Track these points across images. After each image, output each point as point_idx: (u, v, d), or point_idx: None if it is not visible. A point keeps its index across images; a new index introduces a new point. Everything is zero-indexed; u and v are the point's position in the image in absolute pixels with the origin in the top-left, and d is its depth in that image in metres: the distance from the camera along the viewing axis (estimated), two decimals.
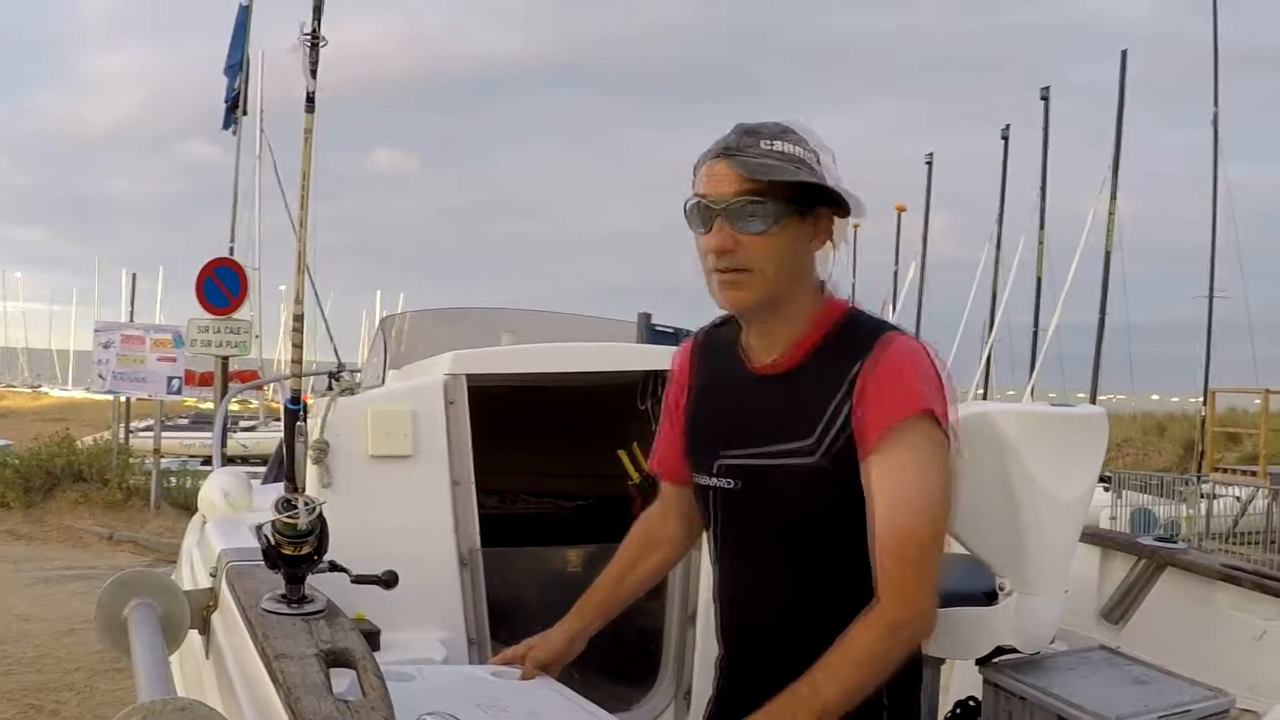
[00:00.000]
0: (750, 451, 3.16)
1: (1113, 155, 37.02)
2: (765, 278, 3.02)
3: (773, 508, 3.14)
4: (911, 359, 3.01)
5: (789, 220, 3.00)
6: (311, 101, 3.09)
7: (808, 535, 3.10)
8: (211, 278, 19.72)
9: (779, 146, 2.99)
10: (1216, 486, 27.91)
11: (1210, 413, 33.41)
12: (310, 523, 3.04)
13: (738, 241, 2.99)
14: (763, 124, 3.06)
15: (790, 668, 2.95)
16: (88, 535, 19.46)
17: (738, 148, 3.00)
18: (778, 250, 3.01)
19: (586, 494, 6.80)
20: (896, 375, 2.97)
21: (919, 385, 2.97)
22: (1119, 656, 4.31)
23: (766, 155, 2.97)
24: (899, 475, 2.93)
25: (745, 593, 3.31)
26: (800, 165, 2.99)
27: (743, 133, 3.03)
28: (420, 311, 7.77)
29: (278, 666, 2.59)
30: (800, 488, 3.06)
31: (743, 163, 2.97)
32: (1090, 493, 4.17)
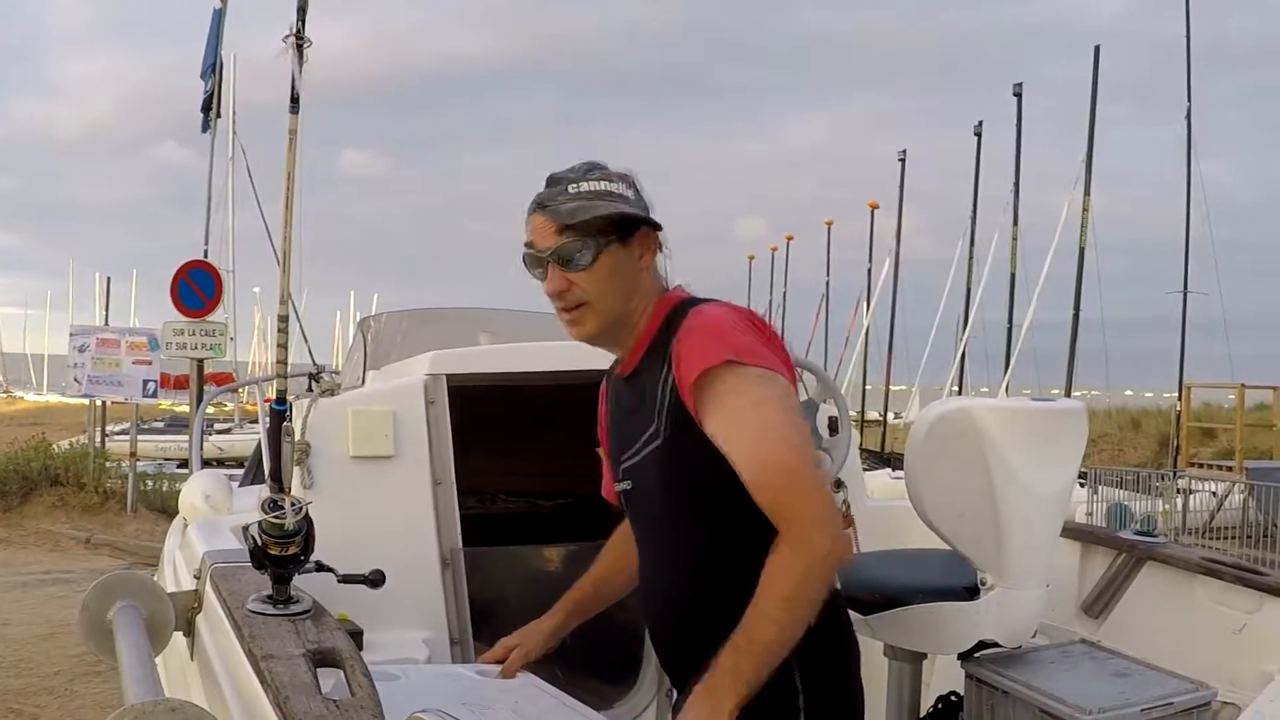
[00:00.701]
0: (630, 451, 3.31)
1: (1086, 151, 37.05)
2: (601, 306, 3.25)
3: (650, 498, 3.29)
4: (711, 319, 3.14)
5: (609, 249, 3.22)
6: (296, 103, 3.10)
7: (686, 517, 3.21)
8: (186, 280, 19.62)
9: (585, 187, 3.22)
10: (1192, 482, 27.94)
11: (1185, 408, 33.43)
12: (297, 523, 3.05)
13: (570, 281, 3.22)
14: (570, 169, 3.29)
15: (710, 652, 2.99)
16: (65, 539, 19.37)
17: (549, 199, 3.23)
18: (606, 279, 3.23)
19: (566, 493, 6.81)
20: (697, 333, 3.09)
21: (717, 337, 3.06)
22: (1100, 650, 4.33)
23: (574, 199, 3.20)
24: (737, 418, 3.02)
25: (649, 584, 3.44)
26: (606, 198, 3.23)
27: (551, 183, 3.27)
28: (398, 312, 7.74)
29: (265, 667, 2.60)
30: (660, 471, 3.20)
31: (554, 211, 3.20)
32: (1071, 487, 4.19)
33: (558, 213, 3.19)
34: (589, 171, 3.26)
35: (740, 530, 3.06)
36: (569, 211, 3.17)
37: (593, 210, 3.18)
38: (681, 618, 3.28)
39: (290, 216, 3.14)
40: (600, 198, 3.20)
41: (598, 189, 3.22)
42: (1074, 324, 36.67)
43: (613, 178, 3.27)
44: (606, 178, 3.26)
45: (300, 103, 3.11)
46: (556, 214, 3.19)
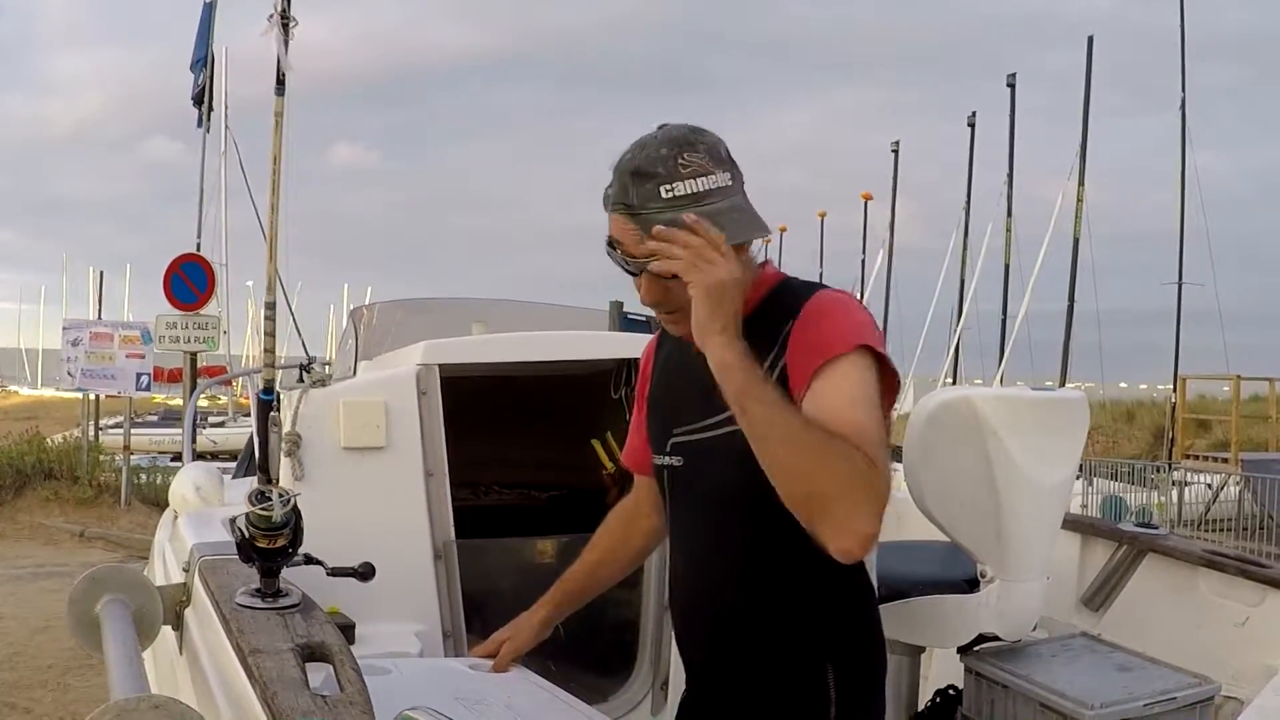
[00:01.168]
0: (695, 426, 3.14)
1: (1080, 142, 37.06)
2: None
3: (714, 480, 3.11)
4: (838, 305, 3.00)
5: None
6: (282, 84, 3.04)
7: (753, 508, 2.99)
8: (179, 274, 19.65)
9: (680, 190, 2.90)
10: (1188, 474, 27.94)
11: (1181, 400, 33.45)
12: (285, 515, 2.99)
13: (666, 289, 2.98)
14: (657, 155, 2.93)
15: (745, 657, 2.96)
16: (59, 533, 19.35)
17: (638, 204, 2.92)
18: None
19: (559, 484, 6.77)
20: (825, 322, 2.94)
21: (846, 325, 2.93)
22: (1101, 644, 4.29)
23: (669, 207, 2.89)
24: (831, 387, 2.85)
25: (694, 575, 3.27)
26: (707, 200, 2.91)
27: (637, 178, 2.94)
28: (390, 302, 7.71)
29: (253, 662, 2.55)
30: (739, 455, 2.94)
31: (646, 225, 2.90)
32: (1072, 478, 4.15)
33: (651, 226, 2.88)
34: (679, 158, 2.90)
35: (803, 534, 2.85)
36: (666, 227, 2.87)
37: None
38: (726, 612, 3.14)
39: (277, 201, 3.09)
40: (698, 202, 2.89)
41: (696, 190, 2.90)
42: (1068, 315, 36.69)
43: (707, 165, 2.92)
44: (700, 169, 2.91)
45: (286, 85, 3.05)
46: (650, 229, 2.88)
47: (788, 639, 2.91)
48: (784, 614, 2.91)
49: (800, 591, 2.93)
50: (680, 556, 3.33)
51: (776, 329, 2.98)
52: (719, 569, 3.16)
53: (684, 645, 3.37)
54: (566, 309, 7.90)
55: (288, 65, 3.03)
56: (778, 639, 2.88)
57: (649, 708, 5.22)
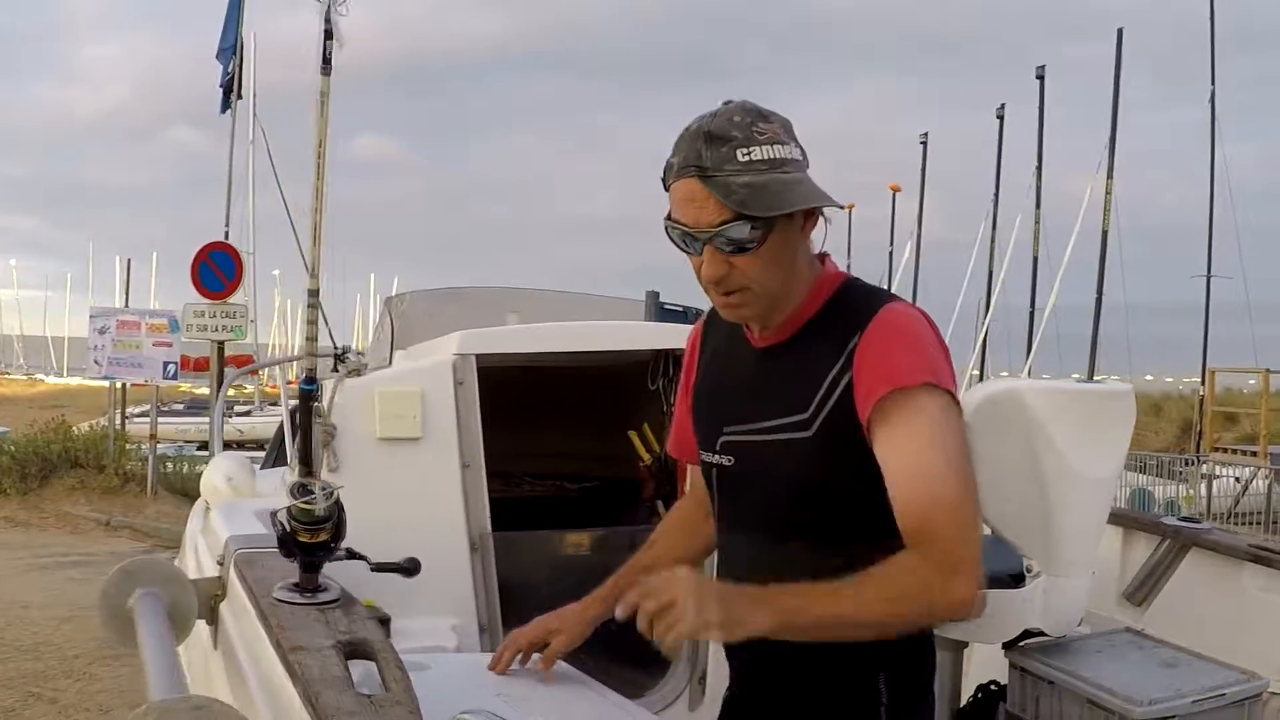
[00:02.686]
0: (749, 427, 3.06)
1: (1109, 134, 36.92)
2: (763, 290, 2.92)
3: (766, 484, 3.05)
4: (910, 327, 2.90)
5: (778, 230, 2.84)
6: (328, 64, 2.96)
7: (805, 515, 2.99)
8: (207, 262, 19.63)
9: (756, 154, 2.78)
10: (1216, 467, 27.87)
11: (1209, 393, 33.34)
12: (328, 508, 2.93)
13: (731, 265, 2.86)
14: (729, 121, 2.81)
15: (791, 659, 2.89)
16: (85, 521, 19.41)
17: (713, 165, 2.78)
18: (773, 262, 2.87)
19: (593, 476, 6.73)
20: (895, 344, 2.86)
21: (918, 354, 2.85)
22: (1146, 639, 4.22)
23: (746, 170, 2.77)
24: (913, 441, 2.79)
25: (744, 571, 3.16)
26: (784, 168, 2.82)
27: (712, 141, 2.80)
28: (424, 291, 7.67)
29: (294, 659, 2.50)
30: (795, 462, 2.95)
31: (724, 188, 2.77)
32: (1118, 471, 4.08)
33: (729, 190, 2.75)
34: (754, 126, 2.80)
35: (854, 541, 2.89)
36: (746, 193, 2.75)
37: (775, 198, 2.77)
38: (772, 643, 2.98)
39: (323, 186, 3.00)
40: (776, 168, 2.78)
41: (773, 156, 2.78)
42: (1097, 308, 36.53)
43: (782, 135, 2.82)
44: (776, 137, 2.81)
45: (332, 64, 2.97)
46: (728, 192, 2.75)
47: (840, 643, 2.85)
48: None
49: None
50: (729, 556, 3.27)
51: (842, 342, 2.90)
52: (770, 570, 3.03)
53: (730, 645, 3.29)
54: (601, 298, 7.85)
55: (341, 39, 2.95)
56: (825, 645, 2.82)
57: (686, 703, 5.18)
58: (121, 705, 8.90)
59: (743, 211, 2.75)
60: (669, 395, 5.35)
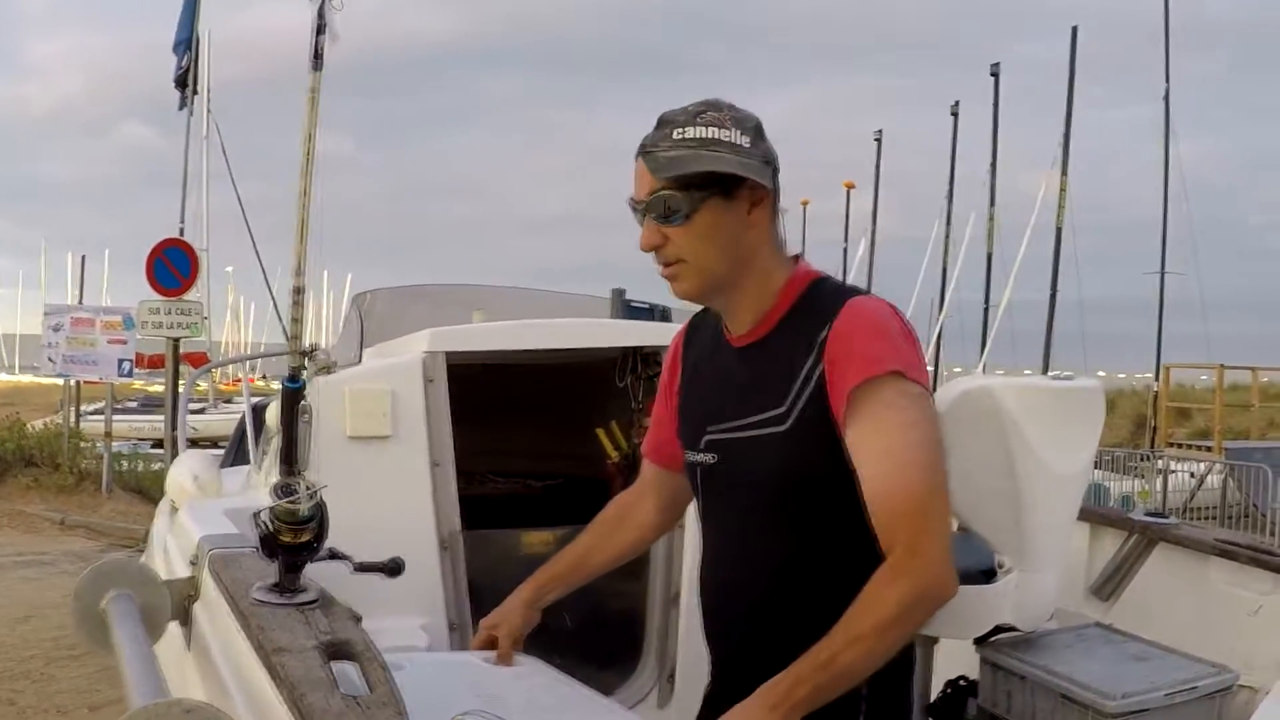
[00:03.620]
0: (729, 425, 3.12)
1: (1064, 131, 37.11)
2: (699, 265, 3.04)
3: (747, 480, 3.09)
4: (877, 318, 2.98)
5: (708, 204, 2.99)
6: (319, 59, 2.95)
7: (786, 508, 3.04)
8: (162, 259, 19.52)
9: (690, 133, 2.99)
10: (1170, 462, 28.02)
11: (1164, 389, 33.50)
12: (311, 508, 2.92)
13: (665, 236, 3.03)
14: (683, 109, 3.06)
15: (775, 654, 2.88)
16: (39, 520, 19.28)
17: (652, 144, 3.03)
18: (705, 236, 3.01)
19: (558, 474, 6.72)
20: (863, 335, 2.93)
21: (886, 344, 2.93)
22: (1115, 633, 4.24)
23: (675, 146, 2.99)
24: (882, 434, 2.87)
25: (726, 573, 3.24)
26: (712, 146, 2.98)
27: (659, 125, 3.05)
28: (391, 289, 7.65)
29: (277, 661, 2.49)
30: (774, 456, 3.01)
31: (653, 160, 3.01)
32: (1089, 467, 4.10)
33: (655, 161, 2.99)
34: (700, 114, 3.02)
35: (837, 533, 2.98)
36: (666, 161, 2.97)
37: (691, 164, 2.96)
38: (758, 610, 3.14)
39: (309, 185, 2.99)
40: (705, 146, 2.97)
41: (705, 136, 2.97)
42: (1051, 304, 36.79)
43: (726, 122, 3.01)
44: (718, 122, 3.00)
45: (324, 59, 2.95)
46: (655, 163, 2.99)
47: (820, 637, 2.86)
48: (817, 613, 2.87)
49: (834, 590, 2.89)
50: (712, 554, 3.31)
51: (812, 335, 2.98)
52: (752, 567, 3.15)
53: (713, 641, 3.35)
54: (567, 295, 7.87)
55: (335, 34, 2.94)
56: (810, 638, 2.83)
57: (655, 700, 5.17)
58: (80, 706, 8.87)
59: (661, 175, 2.96)
60: (637, 393, 5.37)
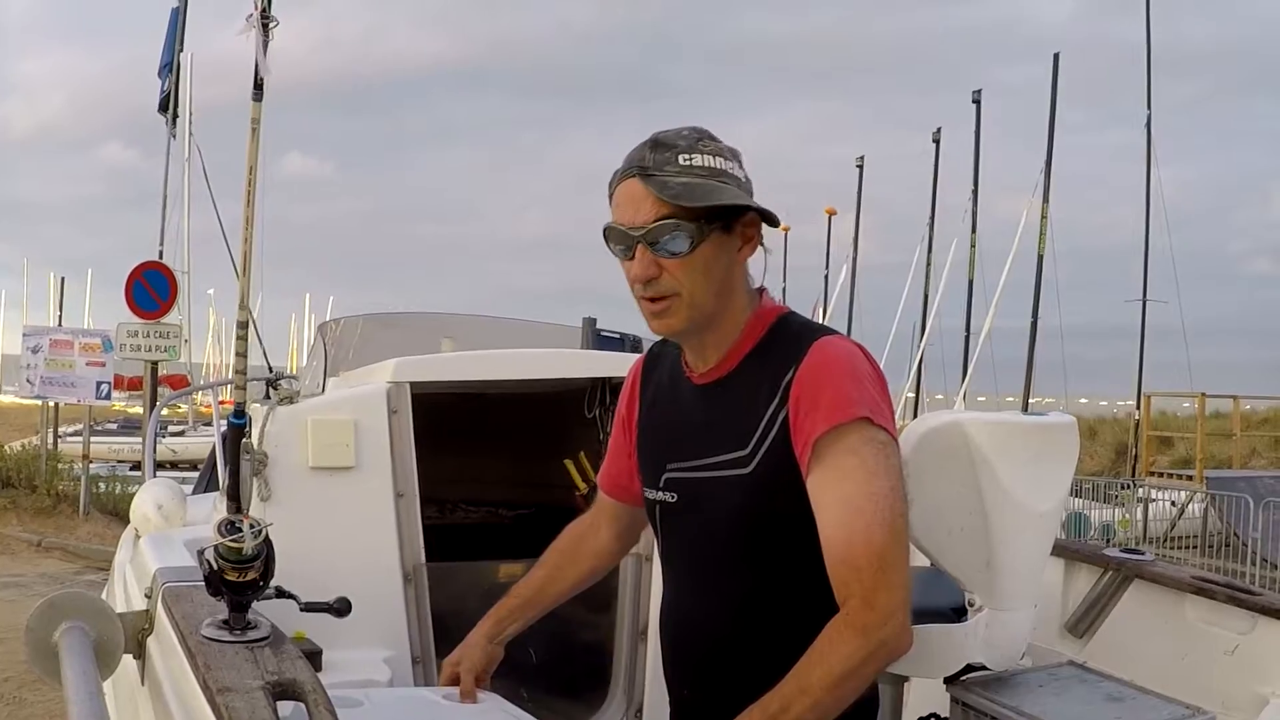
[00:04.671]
0: (691, 464, 3.07)
1: (1045, 158, 37.12)
2: (693, 300, 2.94)
3: (709, 521, 3.04)
4: (844, 362, 2.91)
5: (711, 237, 2.89)
6: (260, 89, 2.89)
7: (747, 550, 2.99)
8: (140, 281, 19.53)
9: (697, 160, 2.88)
10: (1151, 491, 28.01)
11: (1145, 417, 33.49)
12: (256, 547, 2.85)
13: (661, 267, 2.90)
14: (678, 133, 2.94)
15: (735, 695, 2.84)
16: (16, 542, 19.22)
17: (654, 165, 2.87)
18: (703, 270, 2.91)
19: (527, 503, 6.68)
20: (830, 380, 2.87)
21: (853, 389, 2.86)
22: (1089, 673, 4.20)
23: (685, 172, 2.86)
24: (844, 482, 2.80)
25: (686, 613, 3.20)
26: (721, 178, 2.90)
27: (657, 147, 2.91)
28: (358, 317, 7.61)
29: (222, 701, 2.43)
30: (736, 499, 2.96)
31: (660, 184, 2.85)
32: (1062, 504, 4.05)
33: (665, 186, 2.83)
34: (700, 140, 2.91)
35: (798, 574, 2.92)
36: (680, 189, 2.83)
37: (712, 195, 2.85)
38: (718, 650, 3.08)
39: (253, 214, 2.94)
40: (714, 176, 2.87)
41: (711, 165, 2.88)
42: (1032, 331, 36.72)
43: (725, 153, 2.94)
44: (719, 152, 2.92)
45: (265, 89, 2.90)
46: (664, 187, 2.83)
47: (781, 676, 2.81)
48: (778, 652, 2.82)
49: (794, 629, 2.84)
50: (672, 592, 3.26)
51: (777, 377, 2.93)
52: (712, 606, 3.09)
53: (673, 680, 3.30)
54: (538, 325, 7.83)
55: (266, 69, 2.88)
56: (770, 679, 2.78)
57: None
58: None
59: (677, 203, 2.83)
60: (605, 423, 5.32)
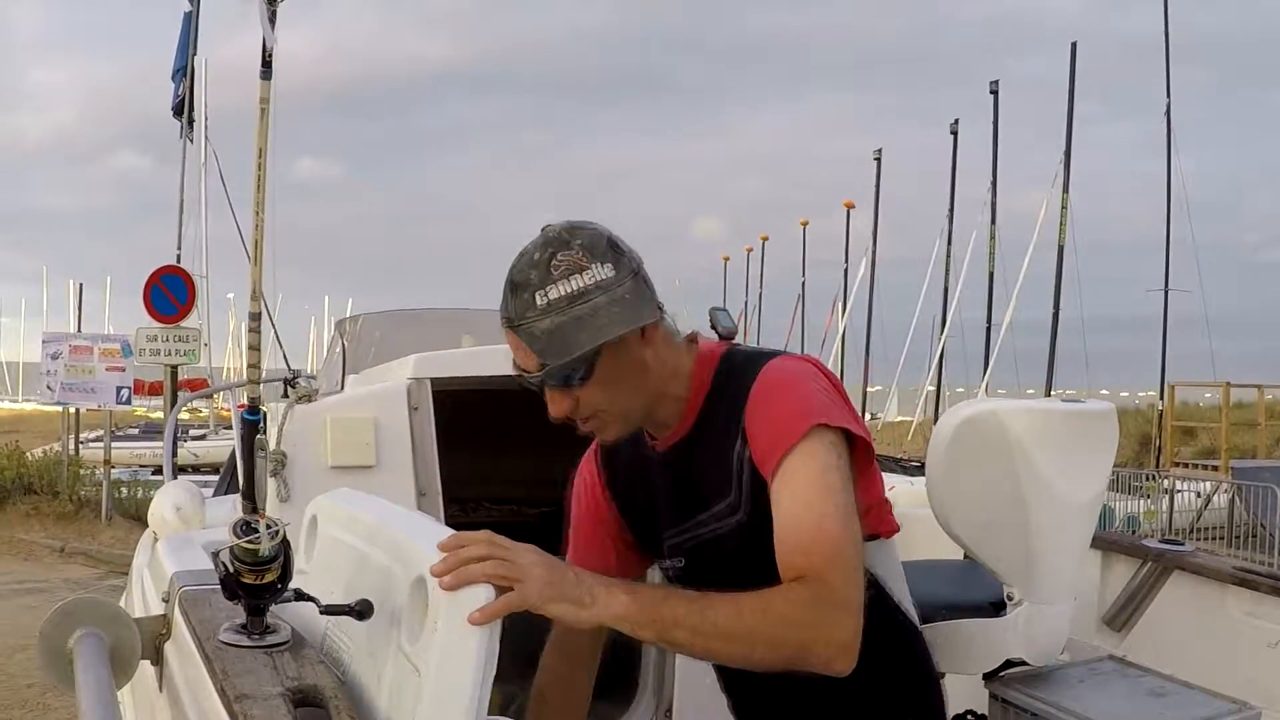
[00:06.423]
0: (685, 526, 3.05)
1: (1064, 148, 37.01)
2: (620, 411, 2.92)
3: (722, 574, 2.92)
4: (784, 381, 2.88)
5: (604, 355, 2.79)
6: (269, 67, 2.79)
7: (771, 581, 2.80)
8: (159, 286, 19.57)
9: (554, 294, 2.74)
10: (1176, 482, 27.89)
11: (1169, 407, 33.37)
12: (273, 548, 2.75)
13: (576, 399, 2.85)
14: (530, 262, 2.78)
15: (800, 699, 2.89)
16: (39, 548, 19.23)
17: (516, 314, 2.77)
18: (614, 384, 2.85)
19: (552, 500, 6.60)
20: (773, 406, 2.84)
21: (799, 403, 2.82)
22: (1130, 667, 4.11)
23: (545, 314, 2.73)
24: (796, 481, 2.74)
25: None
26: (583, 300, 2.75)
27: (515, 290, 2.78)
28: (377, 314, 7.54)
29: (240, 709, 2.35)
30: (740, 545, 2.92)
31: (529, 336, 2.76)
32: (1102, 494, 3.95)
33: (533, 338, 2.75)
34: (551, 262, 2.76)
35: None
36: (545, 341, 2.75)
37: (570, 343, 2.74)
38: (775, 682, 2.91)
39: (263, 199, 2.83)
40: (575, 303, 2.73)
41: (570, 290, 2.74)
42: (1054, 323, 36.62)
43: (581, 259, 2.77)
44: (574, 265, 2.76)
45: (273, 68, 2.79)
46: (532, 340, 2.75)
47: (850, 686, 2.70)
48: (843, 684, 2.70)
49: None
50: None
51: (734, 418, 2.89)
52: None
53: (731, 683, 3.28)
54: None
55: (274, 41, 2.78)
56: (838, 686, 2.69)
57: None
58: None
59: (544, 361, 2.75)
60: None
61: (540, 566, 2.49)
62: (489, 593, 2.29)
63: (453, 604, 2.26)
